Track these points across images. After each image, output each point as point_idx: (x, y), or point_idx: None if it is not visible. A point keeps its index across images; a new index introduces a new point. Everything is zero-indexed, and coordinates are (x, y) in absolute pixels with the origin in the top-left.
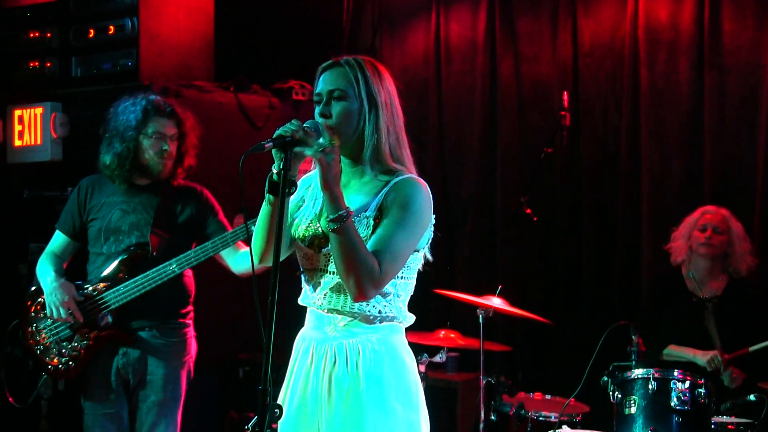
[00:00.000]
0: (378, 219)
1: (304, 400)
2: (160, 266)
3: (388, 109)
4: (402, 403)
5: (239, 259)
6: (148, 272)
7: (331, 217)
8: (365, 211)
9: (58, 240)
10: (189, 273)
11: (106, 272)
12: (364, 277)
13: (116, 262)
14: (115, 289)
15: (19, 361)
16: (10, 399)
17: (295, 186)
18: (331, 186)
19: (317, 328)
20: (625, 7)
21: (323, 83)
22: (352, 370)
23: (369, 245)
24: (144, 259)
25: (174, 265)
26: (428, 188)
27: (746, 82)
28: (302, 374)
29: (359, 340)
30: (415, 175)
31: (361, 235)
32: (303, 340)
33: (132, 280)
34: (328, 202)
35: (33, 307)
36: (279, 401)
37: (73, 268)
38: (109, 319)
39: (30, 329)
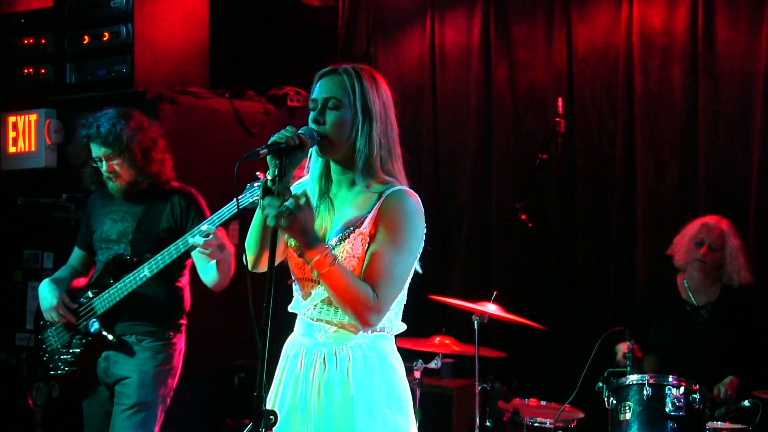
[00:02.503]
0: (372, 235)
1: (293, 406)
2: (134, 271)
3: (382, 120)
4: (391, 407)
5: (205, 271)
6: (124, 278)
7: (312, 262)
8: (359, 227)
9: (75, 254)
10: (184, 284)
11: (96, 280)
12: (360, 309)
13: (103, 269)
14: (101, 295)
15: (14, 368)
16: (30, 401)
17: (290, 192)
18: (302, 239)
19: (307, 334)
20: (619, 14)
21: (319, 90)
22: (342, 376)
23: (365, 270)
24: (126, 265)
25: (145, 269)
26: (420, 201)
27: (740, 89)
28: (291, 379)
29: (349, 346)
30: (406, 187)
31: (358, 252)
32: (292, 345)
33: (113, 286)
34: (303, 251)
35: (42, 317)
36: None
37: None
38: (96, 324)
39: (39, 337)
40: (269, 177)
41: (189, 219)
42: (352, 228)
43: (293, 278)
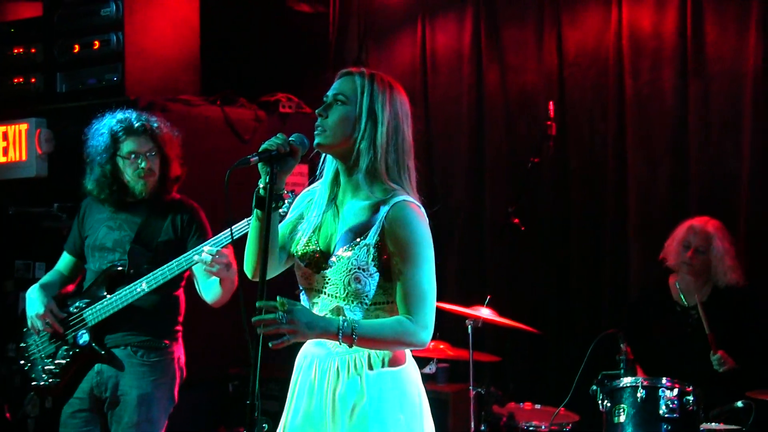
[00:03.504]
0: (380, 245)
1: (309, 416)
2: (131, 285)
3: (390, 128)
4: (405, 413)
5: (207, 287)
6: (120, 290)
7: (340, 342)
8: (365, 238)
9: (64, 259)
10: (180, 294)
11: (88, 289)
12: (406, 343)
13: (96, 279)
14: (93, 306)
15: (6, 379)
16: (8, 415)
17: (282, 200)
18: (315, 335)
19: (319, 344)
20: (609, 17)
21: (333, 87)
22: (355, 384)
23: (398, 299)
24: (121, 277)
25: (143, 284)
26: (423, 210)
27: (729, 90)
28: (306, 390)
29: (361, 355)
30: (409, 197)
31: (362, 263)
32: (305, 356)
33: (107, 298)
34: (325, 338)
35: (24, 324)
36: (282, 417)
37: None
38: (86, 336)
39: (21, 345)
40: (261, 185)
41: (190, 233)
42: (358, 239)
43: (300, 288)
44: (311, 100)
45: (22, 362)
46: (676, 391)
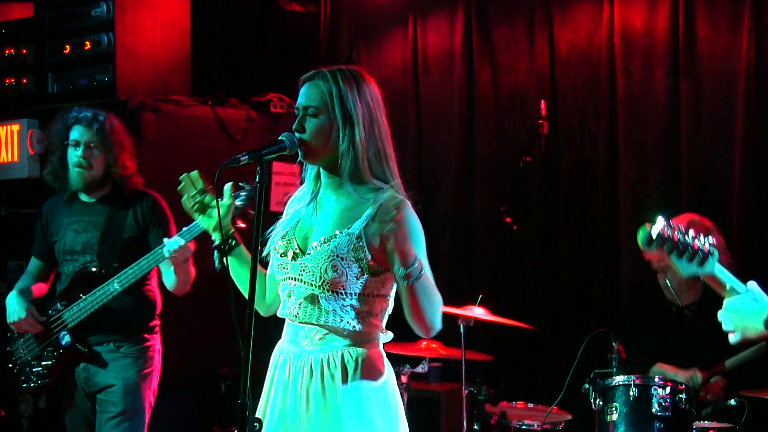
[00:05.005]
0: (364, 238)
1: (283, 414)
2: (104, 285)
3: (366, 123)
4: (381, 414)
5: (167, 275)
6: (94, 291)
7: (404, 272)
8: (348, 228)
9: (33, 263)
10: (153, 287)
11: (63, 292)
12: (435, 317)
13: (71, 282)
14: (70, 308)
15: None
16: (2, 412)
17: (234, 240)
18: (405, 249)
19: (293, 341)
20: (600, 15)
21: (301, 97)
22: (328, 383)
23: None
24: (94, 278)
25: (115, 283)
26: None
27: (721, 89)
28: (280, 388)
29: (335, 354)
30: (398, 193)
31: (342, 252)
32: (280, 353)
33: (83, 299)
34: (399, 259)
35: (9, 329)
36: (258, 414)
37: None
38: (68, 337)
39: (8, 349)
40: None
41: (150, 224)
42: (339, 229)
43: (278, 280)
44: None
45: (10, 366)
46: (668, 389)
